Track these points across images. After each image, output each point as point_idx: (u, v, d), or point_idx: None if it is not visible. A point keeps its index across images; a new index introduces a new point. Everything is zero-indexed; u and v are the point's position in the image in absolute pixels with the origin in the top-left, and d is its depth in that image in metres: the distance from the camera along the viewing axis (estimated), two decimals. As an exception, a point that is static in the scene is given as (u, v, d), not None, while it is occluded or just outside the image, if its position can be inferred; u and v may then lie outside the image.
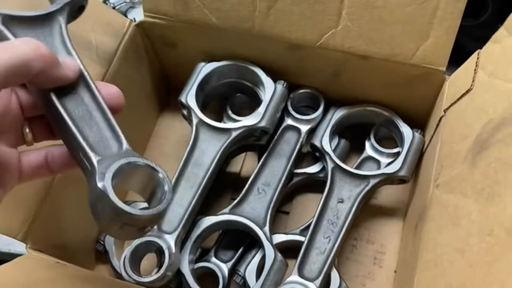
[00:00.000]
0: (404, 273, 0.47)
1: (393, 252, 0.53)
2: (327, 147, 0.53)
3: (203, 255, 0.52)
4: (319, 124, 0.55)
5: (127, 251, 0.46)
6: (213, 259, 0.52)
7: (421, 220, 0.43)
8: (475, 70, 0.41)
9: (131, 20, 0.53)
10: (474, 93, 0.40)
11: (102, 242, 0.53)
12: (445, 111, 0.45)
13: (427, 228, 0.40)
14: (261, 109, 0.51)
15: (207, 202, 0.55)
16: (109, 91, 0.34)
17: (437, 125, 0.46)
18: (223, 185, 0.58)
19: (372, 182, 0.50)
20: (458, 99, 0.42)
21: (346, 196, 0.50)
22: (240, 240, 0.52)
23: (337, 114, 0.54)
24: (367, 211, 0.55)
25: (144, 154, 0.61)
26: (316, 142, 0.54)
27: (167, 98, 0.64)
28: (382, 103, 0.53)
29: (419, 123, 0.53)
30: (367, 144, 0.56)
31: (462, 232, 0.34)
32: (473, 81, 0.40)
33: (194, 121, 0.52)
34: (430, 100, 0.50)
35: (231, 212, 0.51)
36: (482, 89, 0.39)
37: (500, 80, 0.36)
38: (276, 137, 0.54)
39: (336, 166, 0.52)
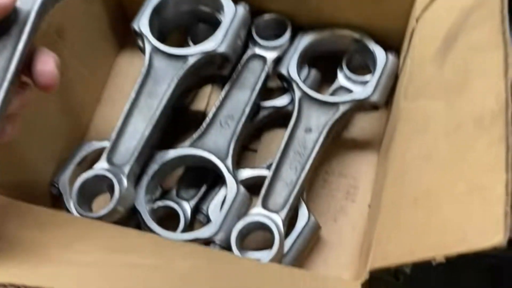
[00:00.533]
0: (374, 202, 0.44)
1: (367, 186, 0.49)
2: (294, 75, 0.49)
3: (165, 195, 0.49)
4: (285, 52, 0.50)
5: (75, 186, 0.43)
6: (175, 198, 0.48)
7: (391, 141, 0.39)
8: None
9: None
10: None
11: (56, 185, 0.49)
12: (417, 20, 0.41)
13: (395, 145, 0.36)
14: (220, 33, 0.47)
15: (170, 140, 0.52)
16: (42, 67, 0.29)
17: (410, 39, 0.42)
18: (188, 123, 0.54)
19: (342, 109, 0.46)
20: (428, 4, 0.38)
21: (314, 125, 0.47)
22: (203, 177, 0.49)
23: (305, 40, 0.50)
24: (340, 144, 0.52)
25: (103, 93, 0.57)
26: (283, 71, 0.50)
27: (126, 34, 0.59)
28: (353, 25, 0.49)
29: (393, 44, 0.48)
30: (339, 73, 0.52)
31: (430, 137, 0.30)
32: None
33: (148, 48, 0.47)
34: (403, 15, 0.46)
35: (191, 145, 0.47)
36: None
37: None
38: (239, 67, 0.50)
39: (304, 94, 0.48)
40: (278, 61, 0.50)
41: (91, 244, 0.31)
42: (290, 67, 0.49)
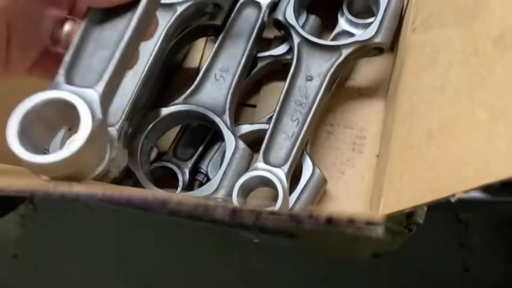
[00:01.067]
0: (383, 150, 0.41)
1: (374, 136, 0.47)
2: (291, 19, 0.45)
3: (162, 157, 0.47)
4: None
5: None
6: (173, 159, 0.46)
7: (398, 80, 0.36)
8: None
9: None
10: None
11: (47, 152, 0.47)
12: None
13: (403, 83, 0.33)
14: (209, -22, 0.44)
15: (163, 99, 0.49)
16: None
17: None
18: (182, 81, 0.51)
19: (345, 53, 0.43)
20: None
21: (315, 73, 0.44)
22: (201, 136, 0.47)
23: None
24: (344, 93, 0.49)
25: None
26: (279, 16, 0.46)
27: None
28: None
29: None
30: (340, 18, 0.48)
31: (441, 68, 0.27)
32: None
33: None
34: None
35: (184, 101, 0.44)
36: None
37: None
38: (233, 15, 0.47)
39: (303, 39, 0.45)
40: (274, 6, 0.47)
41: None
42: (287, 12, 0.46)
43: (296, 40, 0.45)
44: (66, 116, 0.27)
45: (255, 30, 0.46)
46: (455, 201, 0.49)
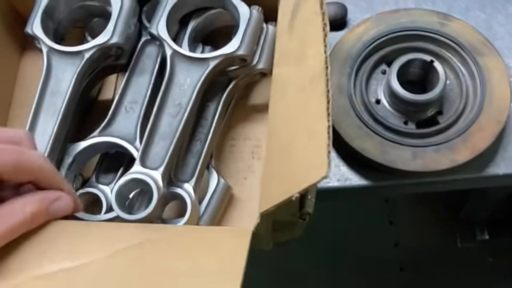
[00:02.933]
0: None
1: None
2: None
3: (86, 184, 0.52)
4: (155, 10, 0.51)
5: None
6: (96, 184, 0.52)
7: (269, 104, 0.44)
8: None
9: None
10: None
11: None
12: (280, -7, 0.46)
13: (271, 106, 0.41)
14: (110, 25, 0.50)
15: (82, 132, 0.55)
16: None
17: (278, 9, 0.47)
18: (98, 114, 0.57)
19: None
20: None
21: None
22: (119, 161, 0.53)
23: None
24: (242, 111, 0.57)
25: (13, 97, 0.59)
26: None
27: (26, 38, 0.61)
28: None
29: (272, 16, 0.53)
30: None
31: (287, 99, 0.36)
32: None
33: (44, 50, 0.50)
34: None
35: (100, 134, 0.51)
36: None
37: None
38: (136, 53, 0.54)
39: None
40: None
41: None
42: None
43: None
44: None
45: (157, 64, 0.53)
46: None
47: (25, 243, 0.36)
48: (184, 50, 0.50)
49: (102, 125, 0.51)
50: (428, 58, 0.58)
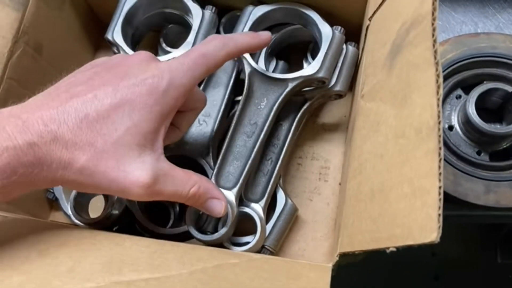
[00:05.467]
0: (343, 181, 0.49)
1: (337, 166, 0.54)
2: None
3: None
4: (235, 26, 0.51)
5: (71, 195, 0.46)
6: (164, 194, 0.52)
7: (351, 134, 0.43)
8: (393, -27, 0.40)
9: (41, -43, 0.50)
10: (393, -3, 0.39)
11: (51, 190, 0.53)
12: (369, 19, 0.44)
13: (354, 138, 0.41)
14: (190, 38, 0.50)
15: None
16: None
17: (365, 35, 0.46)
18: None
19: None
20: (380, 5, 0.42)
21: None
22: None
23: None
24: (311, 129, 0.56)
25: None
26: None
27: (100, 37, 0.61)
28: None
29: (353, 36, 0.52)
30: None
31: (381, 138, 0.35)
32: (391, -15, 0.40)
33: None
34: (359, 11, 0.49)
35: (174, 147, 0.51)
36: (399, -8, 0.38)
37: (413, -20, 0.35)
38: (211, 66, 0.53)
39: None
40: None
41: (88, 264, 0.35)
42: None
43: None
44: None
45: (232, 78, 0.53)
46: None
47: (105, 250, 0.36)
48: (262, 68, 0.50)
49: (175, 137, 0.51)
50: (510, 88, 0.55)
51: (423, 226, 0.27)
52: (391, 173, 0.32)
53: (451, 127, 0.58)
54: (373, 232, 0.33)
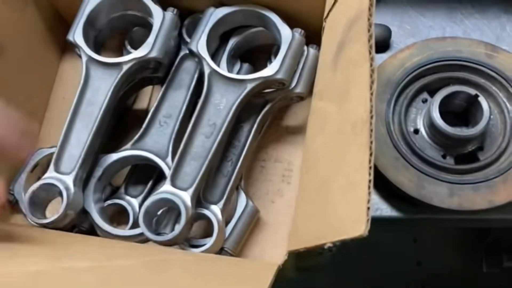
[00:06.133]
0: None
1: (300, 168, 0.54)
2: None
3: (115, 193, 0.53)
4: (196, 27, 0.51)
5: (26, 196, 0.46)
6: (124, 196, 0.52)
7: (306, 135, 0.43)
8: (344, -27, 0.40)
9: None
10: (344, -3, 0.40)
11: (12, 192, 0.53)
12: (324, 20, 0.44)
13: (307, 137, 0.41)
14: (151, 38, 0.50)
15: (115, 141, 0.55)
16: None
17: (322, 36, 0.46)
18: (132, 123, 0.57)
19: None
20: (332, 6, 0.42)
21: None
22: (149, 174, 0.53)
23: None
24: (274, 131, 0.56)
25: (49, 100, 0.60)
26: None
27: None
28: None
29: (315, 39, 0.52)
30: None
31: (326, 135, 0.35)
32: (342, -15, 0.40)
33: (84, 59, 0.50)
34: (319, 13, 0.49)
35: (132, 147, 0.50)
36: (347, -8, 0.38)
37: (357, -21, 0.35)
38: (174, 67, 0.53)
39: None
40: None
41: (33, 253, 0.34)
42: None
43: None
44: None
45: (194, 80, 0.53)
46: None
47: (52, 244, 0.36)
48: (223, 69, 0.50)
49: (135, 137, 0.51)
50: (473, 91, 0.55)
51: (354, 220, 0.27)
52: (331, 168, 0.32)
53: (416, 131, 0.58)
54: (315, 229, 0.32)
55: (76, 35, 0.50)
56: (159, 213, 0.46)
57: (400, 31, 0.65)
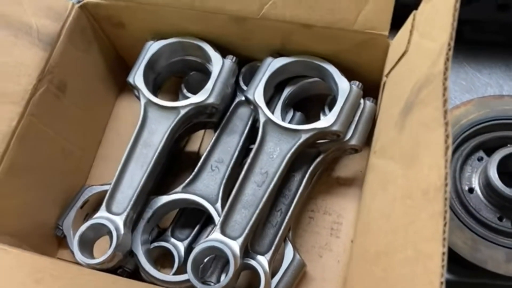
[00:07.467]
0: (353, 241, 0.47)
1: (350, 222, 0.53)
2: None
3: (161, 235, 0.52)
4: (253, 76, 0.51)
5: (76, 235, 0.46)
6: (170, 239, 0.52)
7: (362, 190, 0.42)
8: (410, 31, 0.40)
9: (73, 2, 0.52)
10: (409, 55, 0.39)
11: (60, 227, 0.53)
12: (386, 76, 0.44)
13: (364, 195, 0.39)
14: (209, 85, 0.51)
15: (165, 182, 0.55)
16: None
17: (382, 91, 0.46)
18: (183, 165, 0.57)
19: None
20: (396, 63, 0.41)
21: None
22: (197, 217, 0.52)
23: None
24: (325, 182, 0.55)
25: (103, 137, 0.61)
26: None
27: (124, 80, 0.63)
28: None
29: (372, 92, 0.51)
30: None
31: (389, 197, 0.34)
32: (408, 43, 0.40)
33: (142, 101, 0.51)
34: (378, 67, 0.49)
35: (183, 190, 0.50)
36: (414, 51, 0.38)
37: (427, 39, 0.35)
38: (228, 113, 0.54)
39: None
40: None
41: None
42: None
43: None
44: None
45: (248, 127, 0.53)
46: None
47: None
48: (277, 117, 0.49)
49: (187, 181, 0.51)
50: (534, 153, 0.53)
51: (423, 292, 0.26)
52: (396, 235, 0.31)
53: (471, 190, 0.56)
54: (375, 296, 0.31)
55: (137, 78, 0.52)
56: (205, 260, 0.46)
57: (455, 86, 0.64)
